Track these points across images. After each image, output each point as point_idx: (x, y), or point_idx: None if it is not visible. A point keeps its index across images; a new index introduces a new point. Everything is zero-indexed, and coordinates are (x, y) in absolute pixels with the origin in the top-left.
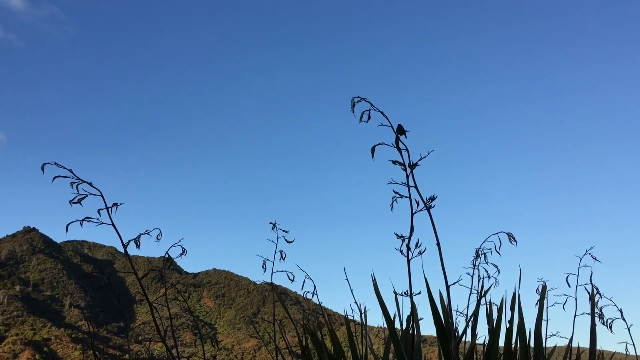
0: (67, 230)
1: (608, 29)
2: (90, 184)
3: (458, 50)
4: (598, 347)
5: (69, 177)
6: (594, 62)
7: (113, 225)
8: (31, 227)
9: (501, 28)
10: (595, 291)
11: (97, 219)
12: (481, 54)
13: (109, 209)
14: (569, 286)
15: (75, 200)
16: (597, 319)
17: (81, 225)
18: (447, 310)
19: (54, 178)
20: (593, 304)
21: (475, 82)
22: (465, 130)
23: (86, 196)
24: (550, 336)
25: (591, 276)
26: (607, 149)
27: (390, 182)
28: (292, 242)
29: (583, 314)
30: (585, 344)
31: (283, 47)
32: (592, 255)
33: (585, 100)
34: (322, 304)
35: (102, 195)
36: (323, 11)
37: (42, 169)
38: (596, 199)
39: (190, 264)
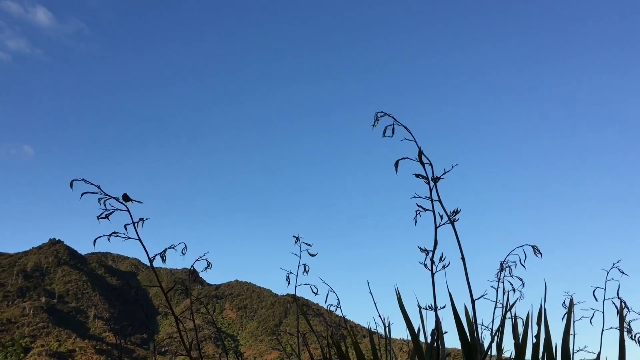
0: (94, 244)
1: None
2: (117, 199)
3: (481, 60)
4: None
5: (96, 193)
6: (619, 70)
7: (140, 240)
8: (56, 239)
9: (531, 34)
10: (623, 305)
11: (124, 234)
12: (505, 64)
13: (135, 224)
14: (596, 300)
15: (103, 215)
16: (625, 334)
17: (108, 240)
18: (472, 324)
19: (82, 194)
20: (621, 318)
21: (499, 93)
22: (490, 142)
23: (113, 212)
24: (578, 351)
25: (618, 290)
26: (635, 160)
27: (414, 197)
28: (315, 255)
29: (611, 328)
30: (613, 358)
31: (308, 57)
32: (619, 269)
33: (616, 110)
34: (345, 317)
35: (128, 211)
36: (350, 21)
37: (71, 185)
38: (623, 211)
39: (212, 276)
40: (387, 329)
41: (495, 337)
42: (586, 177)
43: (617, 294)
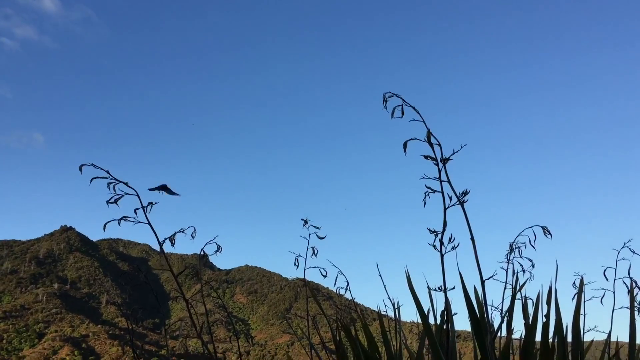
0: (104, 229)
1: None
2: (126, 183)
3: (490, 36)
4: (637, 341)
5: (105, 178)
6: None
7: (149, 224)
8: (68, 226)
9: (544, 10)
10: (634, 284)
11: (134, 218)
12: (516, 40)
13: (145, 208)
14: (607, 280)
15: (112, 200)
16: (636, 313)
17: (119, 224)
18: (482, 305)
19: (92, 179)
20: (632, 298)
21: (510, 69)
22: (499, 121)
23: (122, 196)
24: (588, 330)
25: (629, 269)
26: None
27: (423, 177)
28: (324, 238)
29: (621, 307)
30: (624, 338)
31: (310, 40)
32: (630, 248)
33: (630, 85)
34: (355, 299)
35: (138, 195)
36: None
37: (80, 170)
38: (634, 189)
39: (223, 261)
40: (396, 311)
41: (505, 318)
42: (597, 155)
43: (628, 273)
